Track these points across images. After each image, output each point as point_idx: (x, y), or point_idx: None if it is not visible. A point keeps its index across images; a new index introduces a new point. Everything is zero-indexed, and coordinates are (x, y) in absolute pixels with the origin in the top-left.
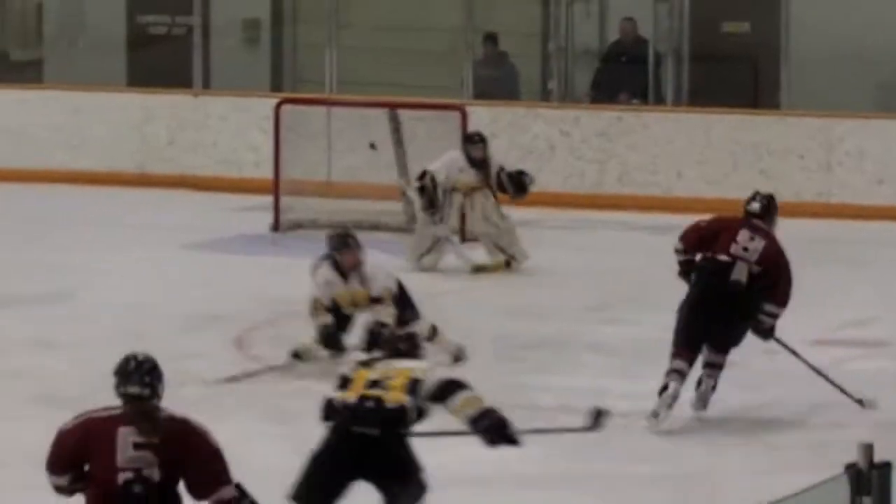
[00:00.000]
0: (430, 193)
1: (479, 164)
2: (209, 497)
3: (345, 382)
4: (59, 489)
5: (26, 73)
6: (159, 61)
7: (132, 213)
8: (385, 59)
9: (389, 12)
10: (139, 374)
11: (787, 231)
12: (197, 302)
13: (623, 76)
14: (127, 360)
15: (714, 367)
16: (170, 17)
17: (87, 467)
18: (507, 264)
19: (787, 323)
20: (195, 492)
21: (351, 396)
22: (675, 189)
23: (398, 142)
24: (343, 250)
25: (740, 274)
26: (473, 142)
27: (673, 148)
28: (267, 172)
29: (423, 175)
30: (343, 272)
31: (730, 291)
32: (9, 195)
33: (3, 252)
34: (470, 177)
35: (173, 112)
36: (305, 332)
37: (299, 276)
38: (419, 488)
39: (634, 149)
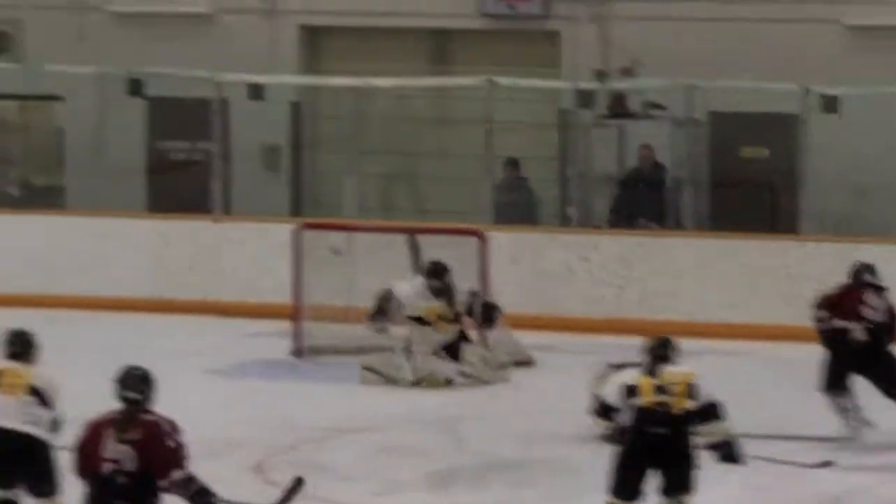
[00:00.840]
0: (382, 303)
1: (439, 292)
2: (164, 477)
3: (632, 390)
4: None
5: (48, 199)
6: (179, 187)
7: (153, 340)
8: (404, 185)
9: (408, 138)
10: (135, 382)
11: (806, 355)
12: (217, 427)
13: (642, 202)
14: (126, 371)
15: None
16: (189, 143)
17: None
18: (448, 382)
19: None
20: (154, 473)
21: (644, 401)
22: (695, 314)
23: (417, 266)
24: None
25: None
26: (432, 274)
27: (692, 272)
28: (287, 297)
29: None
30: None
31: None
32: (31, 322)
33: None
34: (430, 302)
35: (193, 238)
36: (325, 457)
37: (320, 402)
38: (693, 475)
39: (654, 273)
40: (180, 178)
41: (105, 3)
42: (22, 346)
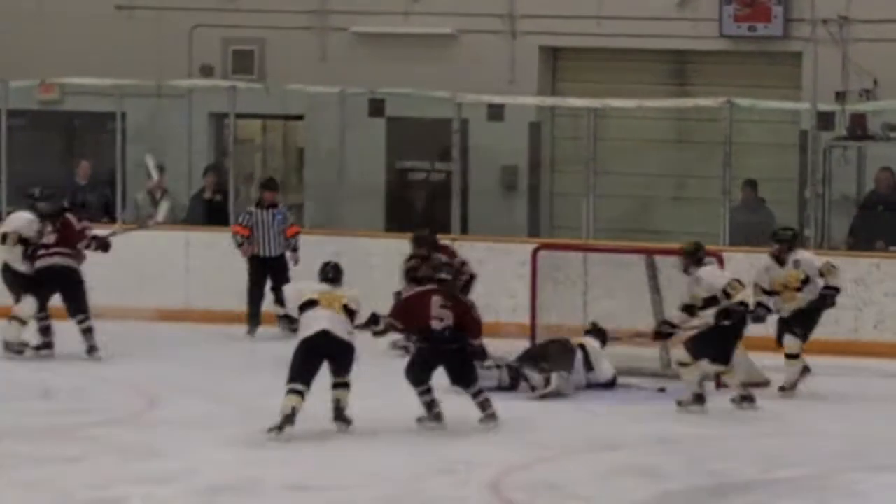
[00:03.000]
0: None
1: None
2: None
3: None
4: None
5: None
6: (418, 207)
7: None
8: (641, 206)
9: (646, 160)
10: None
11: None
12: (458, 445)
13: (881, 224)
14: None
15: None
16: (429, 163)
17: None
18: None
19: None
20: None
21: None
22: None
23: (655, 288)
24: None
25: None
26: None
27: None
28: (523, 318)
29: None
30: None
31: None
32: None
33: None
34: None
35: None
36: (560, 477)
37: (557, 421)
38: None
39: (892, 296)
40: (419, 198)
41: (347, 24)
42: (335, 273)
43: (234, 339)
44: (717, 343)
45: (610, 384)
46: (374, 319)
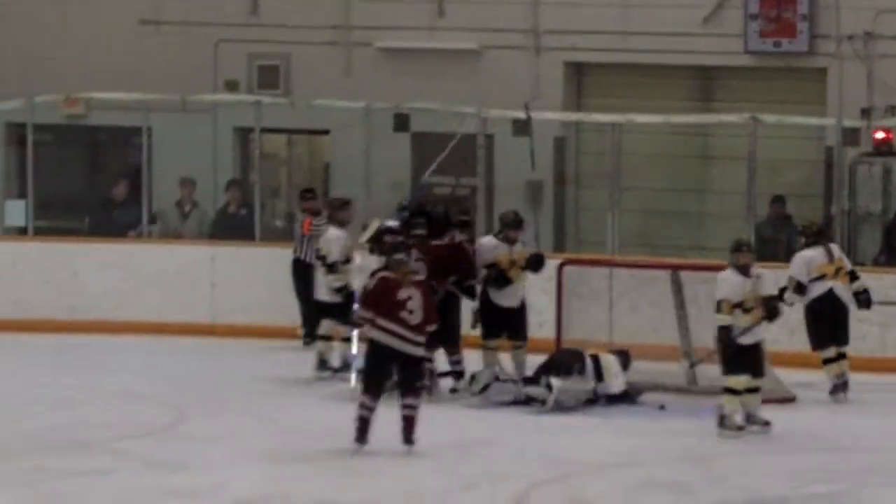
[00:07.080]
0: None
1: None
2: None
3: None
4: None
5: None
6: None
7: None
8: (666, 221)
9: (671, 175)
10: None
11: None
12: (481, 459)
13: None
14: None
15: None
16: (454, 177)
17: None
18: None
19: None
20: None
21: None
22: None
23: (680, 304)
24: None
25: None
26: None
27: None
28: (549, 333)
29: None
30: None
31: None
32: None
33: None
34: None
35: None
36: (587, 493)
37: (583, 436)
38: None
39: None
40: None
41: (372, 39)
42: None
43: (260, 354)
44: None
45: (622, 398)
46: None
